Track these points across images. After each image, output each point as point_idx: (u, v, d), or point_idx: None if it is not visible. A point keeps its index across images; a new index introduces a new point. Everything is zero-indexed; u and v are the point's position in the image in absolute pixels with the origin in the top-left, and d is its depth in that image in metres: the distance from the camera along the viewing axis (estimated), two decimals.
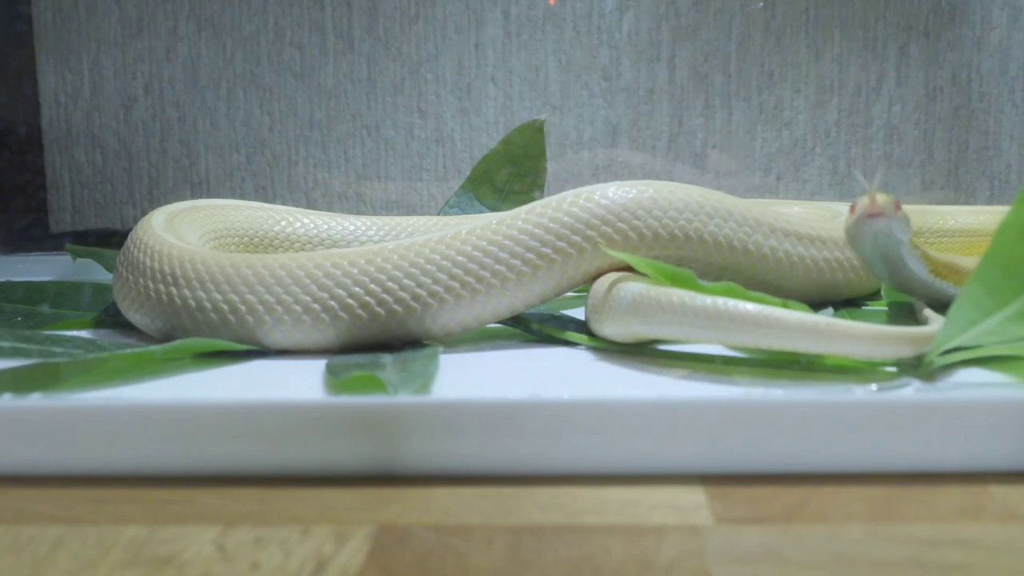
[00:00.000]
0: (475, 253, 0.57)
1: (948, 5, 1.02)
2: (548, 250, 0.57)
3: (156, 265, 0.59)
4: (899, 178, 1.04)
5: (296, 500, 0.39)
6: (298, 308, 0.55)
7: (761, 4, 1.02)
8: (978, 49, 1.02)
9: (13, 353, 0.56)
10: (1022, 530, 0.35)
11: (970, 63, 1.02)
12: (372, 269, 0.56)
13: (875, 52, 1.03)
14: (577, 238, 0.58)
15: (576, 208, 0.58)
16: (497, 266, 0.57)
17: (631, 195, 0.59)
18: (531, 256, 0.57)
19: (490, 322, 0.58)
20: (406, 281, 0.56)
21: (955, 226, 0.84)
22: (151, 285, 0.59)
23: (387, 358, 0.53)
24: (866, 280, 0.66)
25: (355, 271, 0.55)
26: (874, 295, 0.68)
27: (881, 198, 0.53)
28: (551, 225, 0.58)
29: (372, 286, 0.55)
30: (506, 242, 0.57)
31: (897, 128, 1.03)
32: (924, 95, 1.03)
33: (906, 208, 0.85)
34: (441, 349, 0.54)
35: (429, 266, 0.56)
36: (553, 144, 1.04)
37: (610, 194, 0.59)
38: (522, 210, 0.59)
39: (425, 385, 0.47)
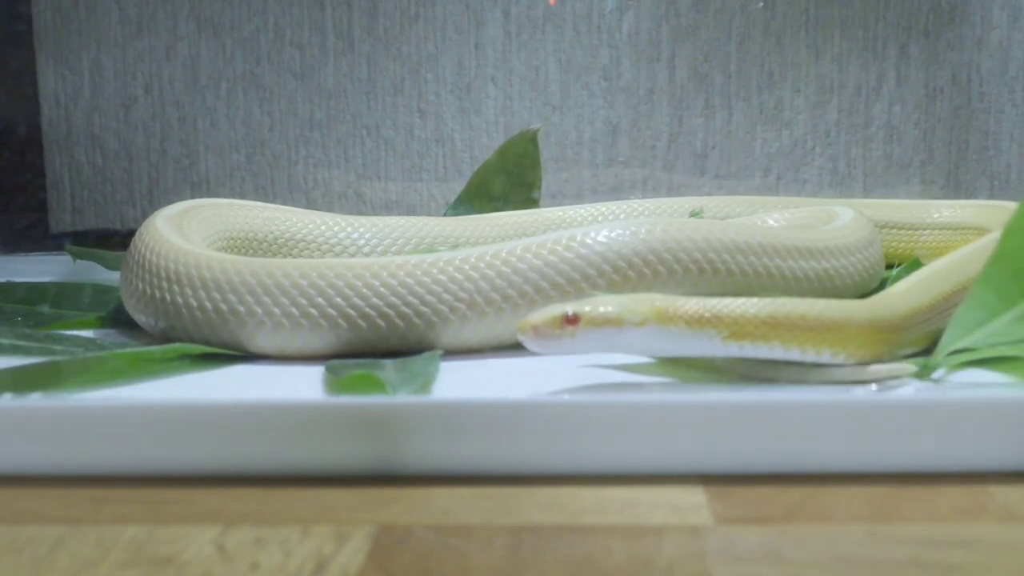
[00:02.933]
0: (482, 282, 0.56)
1: (948, 5, 1.02)
2: (545, 284, 0.57)
3: (156, 265, 0.59)
4: (899, 178, 1.04)
5: (296, 500, 0.39)
6: (296, 313, 0.55)
7: (761, 4, 1.02)
8: (978, 49, 1.02)
9: (13, 350, 0.56)
10: (1022, 530, 0.35)
11: (970, 63, 1.02)
12: (377, 283, 0.55)
13: (875, 52, 1.03)
14: (576, 276, 0.58)
15: (585, 247, 0.58)
16: (509, 290, 0.57)
17: (656, 232, 0.59)
18: (531, 291, 0.57)
19: (495, 345, 0.57)
20: (409, 298, 0.55)
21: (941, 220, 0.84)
22: (151, 285, 0.59)
23: (387, 360, 0.53)
24: (868, 282, 0.66)
25: (359, 283, 0.55)
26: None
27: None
28: (560, 264, 0.58)
29: (374, 299, 0.55)
30: (514, 276, 0.57)
31: (897, 128, 1.03)
32: (924, 95, 1.03)
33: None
34: (441, 351, 0.54)
35: (435, 286, 0.56)
36: (553, 144, 1.04)
37: (639, 232, 0.59)
38: (534, 241, 0.59)
39: (425, 385, 0.47)
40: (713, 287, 0.59)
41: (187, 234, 0.64)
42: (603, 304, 0.46)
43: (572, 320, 0.45)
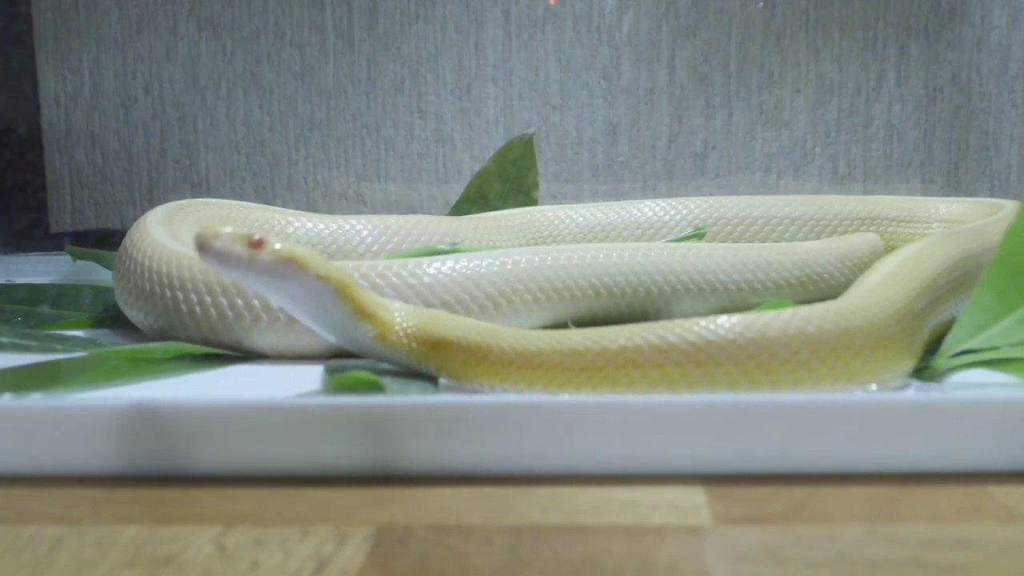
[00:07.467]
0: (481, 283, 0.58)
1: (948, 5, 1.02)
2: (531, 288, 0.60)
3: (150, 267, 0.59)
4: (899, 178, 1.04)
5: (296, 500, 0.39)
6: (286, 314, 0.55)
7: (761, 4, 1.02)
8: (978, 49, 1.02)
9: (13, 348, 0.56)
10: (1022, 530, 0.35)
11: (970, 63, 1.02)
12: (399, 281, 0.56)
13: (875, 52, 1.03)
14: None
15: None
16: (506, 289, 0.59)
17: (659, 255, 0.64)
18: (530, 299, 0.59)
19: None
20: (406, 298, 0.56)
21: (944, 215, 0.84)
22: (146, 286, 0.59)
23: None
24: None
25: (380, 283, 0.56)
26: None
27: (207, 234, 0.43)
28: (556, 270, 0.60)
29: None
30: (514, 280, 0.59)
31: (897, 128, 1.03)
32: (924, 95, 1.03)
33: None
34: None
35: (430, 287, 0.56)
36: (553, 144, 1.04)
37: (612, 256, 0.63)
38: (538, 250, 0.61)
39: (425, 387, 0.47)
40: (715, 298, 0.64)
41: (179, 235, 0.64)
42: (297, 245, 0.45)
43: (256, 243, 0.44)
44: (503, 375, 0.45)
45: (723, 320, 0.43)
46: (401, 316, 0.49)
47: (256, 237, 0.44)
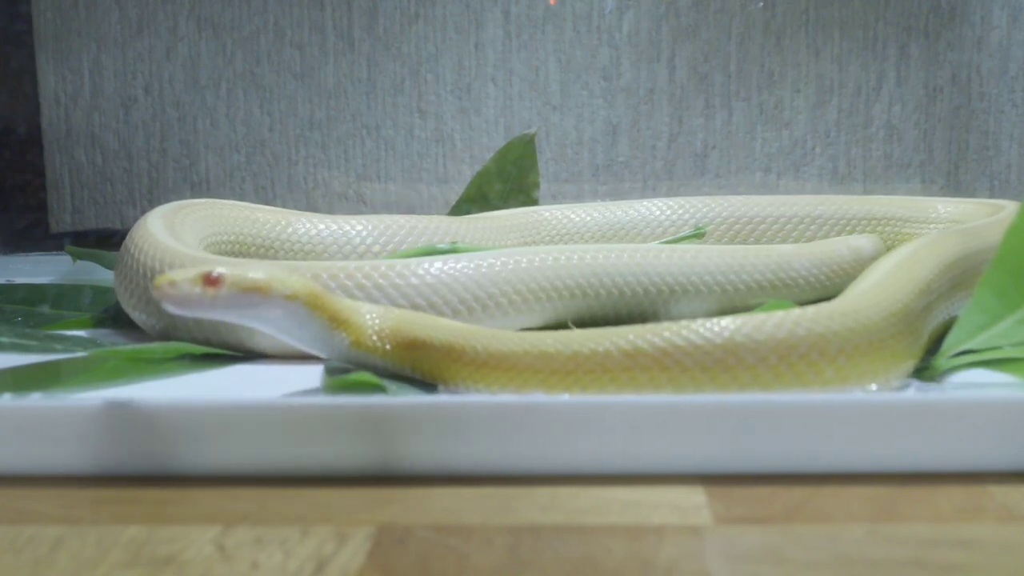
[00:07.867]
0: (447, 286, 0.58)
1: (948, 5, 1.02)
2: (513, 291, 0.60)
3: (151, 266, 0.59)
4: (899, 178, 1.04)
5: (296, 500, 0.39)
6: None
7: (761, 4, 1.02)
8: (978, 49, 1.02)
9: (13, 348, 0.56)
10: (1022, 530, 0.35)
11: (970, 63, 1.02)
12: (369, 284, 0.56)
13: (875, 52, 1.03)
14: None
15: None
16: (516, 286, 0.59)
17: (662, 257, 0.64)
18: (502, 298, 0.59)
19: None
20: (403, 299, 0.56)
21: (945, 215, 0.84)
22: (148, 286, 0.59)
23: None
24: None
25: (349, 284, 0.56)
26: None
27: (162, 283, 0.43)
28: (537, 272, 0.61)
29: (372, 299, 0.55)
30: (516, 280, 0.59)
31: (897, 128, 1.03)
32: (924, 95, 1.03)
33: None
34: None
35: (426, 287, 0.57)
36: (553, 144, 1.04)
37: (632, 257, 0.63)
38: (516, 252, 0.61)
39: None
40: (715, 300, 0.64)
41: (180, 235, 0.64)
42: (253, 269, 0.44)
43: (214, 280, 0.43)
44: (476, 376, 0.45)
45: (696, 325, 0.43)
46: (372, 319, 0.49)
47: (214, 274, 0.43)
